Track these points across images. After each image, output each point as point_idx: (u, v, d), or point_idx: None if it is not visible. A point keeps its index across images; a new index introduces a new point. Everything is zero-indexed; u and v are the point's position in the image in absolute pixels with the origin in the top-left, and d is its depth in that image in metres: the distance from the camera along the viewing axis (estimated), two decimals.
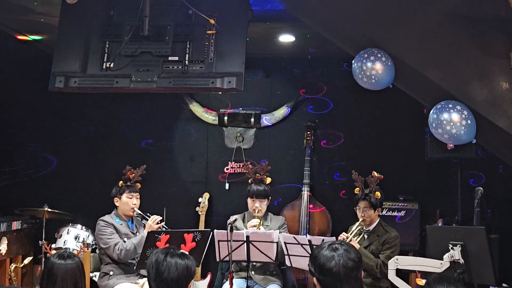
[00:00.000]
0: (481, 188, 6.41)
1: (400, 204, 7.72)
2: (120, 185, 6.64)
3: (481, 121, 5.09)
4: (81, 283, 3.80)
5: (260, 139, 8.72)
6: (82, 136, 8.83)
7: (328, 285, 3.14)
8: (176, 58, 5.21)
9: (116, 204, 6.62)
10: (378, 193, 6.55)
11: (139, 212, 6.60)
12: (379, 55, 5.20)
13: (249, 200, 6.87)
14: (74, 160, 8.78)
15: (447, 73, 5.08)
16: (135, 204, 6.58)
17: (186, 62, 5.18)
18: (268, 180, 7.03)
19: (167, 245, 5.11)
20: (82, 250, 6.64)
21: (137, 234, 6.53)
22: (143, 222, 6.63)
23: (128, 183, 6.66)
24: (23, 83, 8.59)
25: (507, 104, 4.99)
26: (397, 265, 5.52)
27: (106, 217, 6.55)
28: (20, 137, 8.82)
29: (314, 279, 3.22)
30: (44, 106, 8.68)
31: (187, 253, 3.80)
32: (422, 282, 4.41)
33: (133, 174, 6.78)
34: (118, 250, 6.29)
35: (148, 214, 6.60)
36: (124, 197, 6.55)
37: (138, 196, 6.64)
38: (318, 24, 5.75)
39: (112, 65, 5.21)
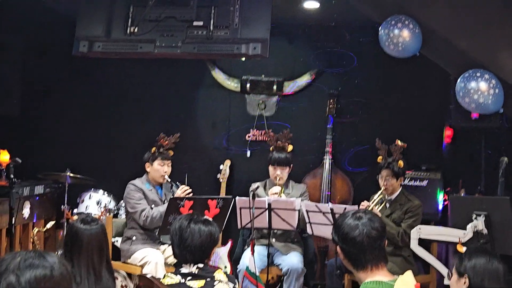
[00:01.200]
0: (506, 158, 6.37)
1: (422, 174, 7.70)
2: (152, 151, 6.61)
3: (510, 91, 5.04)
4: (106, 246, 3.82)
5: (282, 107, 8.71)
6: (103, 102, 8.86)
7: (352, 255, 3.12)
8: (201, 24, 5.21)
9: (147, 169, 6.61)
10: (401, 162, 6.53)
11: (169, 180, 6.61)
12: (406, 22, 5.16)
13: (270, 168, 6.89)
14: (96, 126, 8.83)
15: (476, 42, 5.04)
16: (166, 172, 6.57)
17: (211, 27, 5.17)
18: (290, 147, 7.03)
19: (191, 211, 5.14)
20: (103, 215, 6.69)
21: (165, 202, 6.53)
22: (172, 190, 6.63)
23: (161, 150, 6.65)
24: (49, 48, 8.61)
25: None
26: (419, 235, 5.52)
27: (137, 181, 6.57)
28: (45, 102, 8.87)
29: (338, 247, 3.20)
30: (69, 71, 8.72)
31: (210, 219, 3.82)
32: (462, 249, 4.39)
33: (167, 142, 6.75)
34: (144, 216, 6.33)
35: (178, 183, 6.62)
36: (156, 163, 6.53)
37: (170, 164, 6.64)
38: None
39: (136, 30, 5.22)
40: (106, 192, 7.51)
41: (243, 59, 6.25)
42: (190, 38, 5.19)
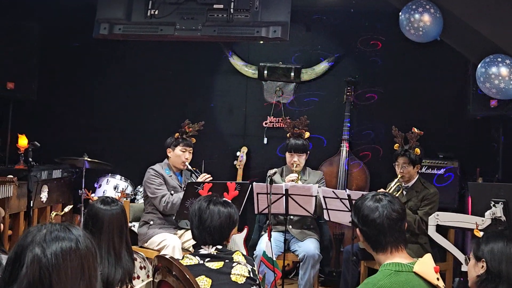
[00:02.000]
0: None
1: (439, 162, 7.69)
2: (176, 137, 6.61)
3: None
4: (126, 227, 3.84)
5: (300, 94, 8.71)
6: (121, 88, 8.90)
7: (371, 237, 3.13)
8: (221, 6, 5.21)
9: (169, 154, 6.61)
10: (417, 150, 6.52)
11: (190, 167, 6.64)
12: (427, 7, 5.14)
13: (287, 155, 6.89)
14: (114, 111, 8.87)
15: (498, 27, 5.02)
16: (187, 159, 6.59)
17: (231, 10, 5.18)
18: (307, 134, 7.02)
19: (210, 193, 5.14)
20: (120, 200, 6.73)
21: (184, 187, 6.52)
22: (191, 177, 6.65)
23: (182, 135, 6.65)
24: (67, 33, 8.66)
25: None
26: (437, 221, 5.53)
27: (157, 167, 6.58)
28: (63, 87, 8.91)
29: (357, 230, 3.22)
30: (87, 57, 8.76)
31: (229, 201, 3.82)
32: (479, 233, 4.39)
33: (190, 129, 6.77)
34: (164, 202, 6.36)
35: (198, 171, 6.66)
36: (178, 149, 6.54)
37: (191, 151, 6.65)
38: None
39: (156, 13, 5.23)
40: (123, 177, 7.55)
41: (261, 42, 6.16)
42: (210, 21, 5.20)
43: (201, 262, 3.55)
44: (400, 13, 5.29)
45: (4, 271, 2.00)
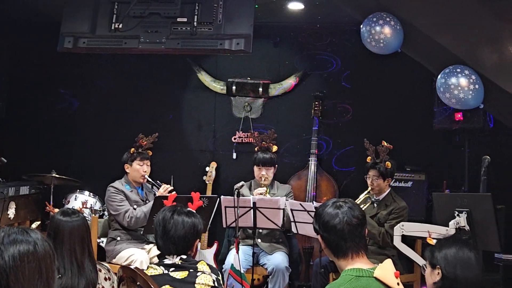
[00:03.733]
0: (488, 157, 6.42)
1: (407, 175, 7.76)
2: (131, 152, 6.62)
3: (489, 86, 5.10)
4: (88, 238, 3.84)
5: (268, 109, 8.74)
6: (88, 104, 8.88)
7: (332, 243, 3.15)
8: (185, 20, 5.20)
9: (127, 170, 6.62)
10: (388, 163, 6.55)
11: (150, 179, 6.63)
12: (388, 19, 5.20)
13: (255, 168, 6.91)
14: (82, 128, 8.83)
15: (456, 38, 5.09)
16: (145, 172, 6.59)
17: (195, 23, 5.17)
18: (275, 148, 7.04)
19: (174, 203, 5.15)
20: (81, 211, 6.71)
21: (147, 201, 6.55)
22: (153, 189, 6.66)
23: (139, 149, 6.66)
24: (33, 50, 8.66)
25: None
26: (402, 231, 5.56)
27: (116, 184, 6.56)
28: (30, 104, 8.88)
29: (319, 236, 3.23)
30: (54, 73, 8.75)
31: (194, 211, 3.84)
32: (432, 241, 4.44)
33: (145, 142, 6.77)
34: (128, 217, 6.34)
35: (158, 182, 6.65)
36: (135, 164, 6.55)
37: (149, 164, 6.66)
38: None
39: (120, 26, 5.22)
40: (91, 193, 7.52)
41: (227, 54, 6.20)
42: (174, 34, 5.19)
43: (166, 272, 3.55)
44: (362, 26, 5.35)
45: None
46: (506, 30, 5.00)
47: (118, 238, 6.45)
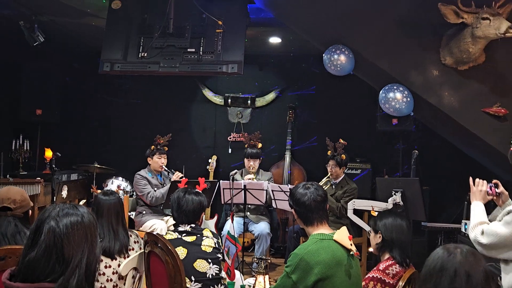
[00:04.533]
0: (416, 151, 6.44)
1: (357, 165, 7.79)
2: (152, 148, 6.65)
3: (418, 99, 5.11)
4: (122, 213, 3.82)
5: (254, 116, 8.75)
6: (122, 112, 8.85)
7: (302, 214, 3.17)
8: (193, 50, 5.18)
9: (149, 162, 6.62)
10: (343, 156, 6.61)
11: (166, 169, 6.63)
12: (343, 50, 5.19)
13: (245, 160, 6.91)
14: (116, 130, 8.84)
15: (393, 64, 5.10)
16: (163, 163, 6.60)
17: (200, 52, 5.16)
18: (260, 145, 7.07)
19: (186, 185, 5.16)
20: (117, 192, 6.68)
21: (164, 185, 6.54)
22: (169, 176, 6.65)
23: (157, 146, 6.68)
24: (80, 71, 8.63)
25: (436, 86, 5.02)
26: (354, 206, 5.58)
27: (141, 172, 6.56)
28: (78, 111, 8.86)
29: (292, 210, 3.25)
30: (95, 88, 8.74)
31: (200, 192, 3.83)
32: (375, 213, 4.46)
33: (162, 140, 6.83)
34: (150, 197, 6.34)
35: (172, 170, 6.66)
36: (155, 157, 6.56)
37: (165, 157, 6.65)
38: (298, 28, 5.74)
39: (145, 55, 5.20)
40: (124, 179, 7.50)
41: (225, 75, 6.20)
42: (185, 61, 5.15)
43: (179, 236, 3.54)
44: (324, 55, 5.34)
45: (28, 239, 1.98)
46: (429, 58, 5.01)
47: (144, 212, 6.47)
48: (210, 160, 8.34)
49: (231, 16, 5.29)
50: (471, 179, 3.20)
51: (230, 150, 8.63)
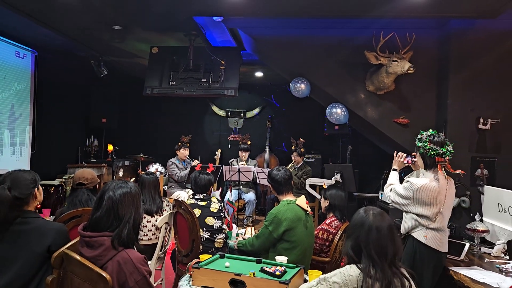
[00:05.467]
0: (350, 147, 6.48)
1: (312, 155, 7.79)
2: (179, 144, 6.56)
3: (351, 113, 5.11)
4: (158, 186, 3.79)
5: (246, 123, 8.72)
6: (159, 120, 8.82)
7: (276, 187, 3.15)
8: (205, 80, 5.17)
9: (177, 153, 6.52)
10: (302, 149, 6.63)
11: (188, 158, 6.56)
12: (302, 80, 5.18)
13: (239, 152, 6.88)
14: (154, 132, 8.77)
15: (335, 89, 5.09)
16: (186, 154, 6.51)
17: (210, 81, 5.16)
18: (249, 142, 7.11)
19: (200, 168, 5.14)
20: (155, 173, 6.63)
21: (187, 168, 6.47)
22: (190, 162, 6.61)
23: (182, 143, 6.63)
24: (131, 93, 8.57)
25: (363, 105, 5.01)
26: (309, 182, 5.60)
27: (172, 159, 6.48)
28: (130, 120, 8.79)
29: (270, 184, 3.23)
30: (142, 104, 8.66)
31: (210, 172, 3.81)
32: (325, 186, 4.47)
33: (185, 139, 6.79)
34: (177, 176, 6.28)
35: (193, 159, 6.61)
36: (181, 150, 6.47)
37: (188, 150, 6.57)
38: (274, 66, 5.73)
39: (174, 83, 5.17)
40: (160, 164, 7.46)
41: (227, 97, 6.18)
42: (200, 87, 5.12)
43: (196, 202, 3.49)
44: (290, 83, 5.31)
45: (94, 203, 1.96)
46: (358, 86, 5.01)
47: (172, 186, 6.41)
48: (216, 152, 8.28)
49: (230, 58, 5.28)
50: (395, 152, 3.12)
51: (229, 146, 8.60)
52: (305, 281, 2.34)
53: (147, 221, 3.55)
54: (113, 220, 1.90)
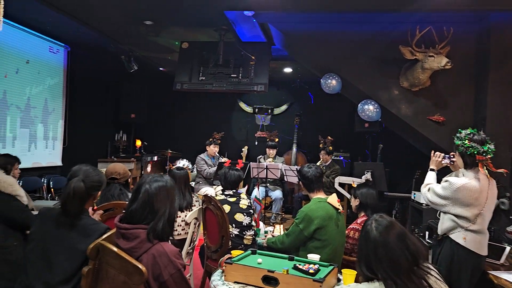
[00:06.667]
0: (381, 145, 6.38)
1: (341, 153, 7.71)
2: (210, 140, 6.57)
3: (384, 110, 5.04)
4: (188, 181, 3.82)
5: (274, 120, 8.72)
6: (188, 115, 8.91)
7: (307, 185, 3.13)
8: (235, 75, 5.19)
9: (207, 149, 6.53)
10: (330, 147, 6.59)
11: (217, 154, 6.58)
12: (334, 76, 5.14)
13: (267, 149, 6.84)
14: (182, 127, 8.87)
15: (368, 85, 5.03)
16: (216, 150, 6.53)
17: (240, 77, 5.17)
18: (276, 139, 7.08)
19: (230, 164, 5.17)
20: (185, 168, 6.70)
21: (215, 165, 6.48)
22: (219, 159, 6.65)
23: (214, 139, 6.65)
24: (160, 89, 8.67)
25: (396, 101, 4.93)
26: (339, 181, 5.55)
27: (201, 155, 6.49)
28: (159, 116, 8.92)
29: (300, 182, 3.20)
30: (171, 100, 8.78)
31: (239, 168, 3.81)
32: (355, 185, 4.42)
33: (217, 135, 6.85)
34: (205, 173, 6.30)
35: (222, 156, 6.64)
36: (211, 146, 6.47)
37: (218, 147, 6.58)
38: (304, 62, 5.70)
39: (204, 78, 5.21)
40: (187, 160, 7.55)
41: (255, 93, 6.19)
42: (230, 82, 5.14)
43: (225, 198, 3.50)
44: (321, 80, 5.28)
45: (131, 196, 1.99)
46: (392, 82, 4.93)
47: (200, 182, 6.43)
48: (243, 149, 8.33)
49: (260, 53, 5.27)
50: (432, 151, 3.03)
51: (256, 143, 8.60)
52: (338, 280, 2.32)
53: (177, 216, 3.59)
54: (148, 213, 1.91)
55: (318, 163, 6.54)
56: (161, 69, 7.95)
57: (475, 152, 2.70)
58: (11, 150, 5.56)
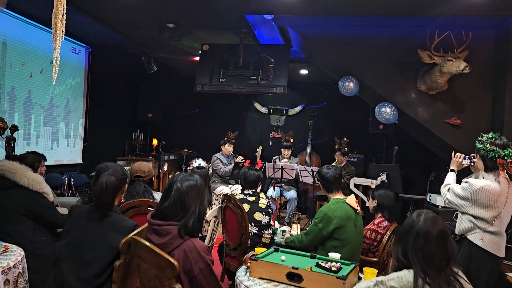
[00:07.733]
0: (396, 147, 6.37)
1: (355, 154, 7.72)
2: (225, 139, 6.59)
3: (401, 112, 5.06)
4: (208, 182, 3.85)
5: (288, 121, 8.75)
6: (204, 116, 8.97)
7: (326, 185, 3.16)
8: (254, 77, 5.24)
9: (222, 148, 6.55)
10: (346, 149, 6.62)
11: (233, 154, 6.60)
12: (352, 79, 5.16)
13: (282, 150, 6.84)
14: (198, 127, 8.94)
15: (385, 88, 5.05)
16: (231, 149, 6.55)
17: (259, 79, 5.21)
18: (291, 140, 7.09)
19: (249, 164, 5.22)
20: (205, 167, 6.76)
21: (231, 164, 6.53)
22: (234, 158, 6.70)
23: (228, 138, 6.70)
24: (177, 90, 8.77)
25: (414, 104, 4.94)
26: (354, 182, 5.57)
27: (217, 154, 6.51)
28: (174, 115, 9.02)
29: (319, 183, 3.22)
30: (188, 101, 8.87)
31: (258, 169, 3.86)
32: (373, 186, 4.44)
33: (232, 135, 6.88)
34: (221, 171, 6.31)
35: (237, 155, 6.63)
36: (226, 145, 6.48)
37: (232, 146, 6.59)
38: (321, 64, 5.73)
39: (224, 80, 5.27)
40: (203, 159, 7.63)
41: (272, 94, 6.23)
42: (249, 84, 5.18)
43: (245, 197, 3.53)
44: (339, 82, 5.31)
45: (163, 194, 2.04)
46: (409, 85, 4.94)
47: (216, 181, 6.43)
48: (257, 149, 8.38)
49: (279, 56, 5.32)
50: (453, 152, 3.05)
51: (270, 143, 8.64)
52: (359, 278, 2.38)
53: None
54: (180, 211, 1.97)
55: (333, 165, 6.56)
56: (179, 70, 8.05)
57: (496, 156, 2.73)
58: (35, 148, 5.71)
